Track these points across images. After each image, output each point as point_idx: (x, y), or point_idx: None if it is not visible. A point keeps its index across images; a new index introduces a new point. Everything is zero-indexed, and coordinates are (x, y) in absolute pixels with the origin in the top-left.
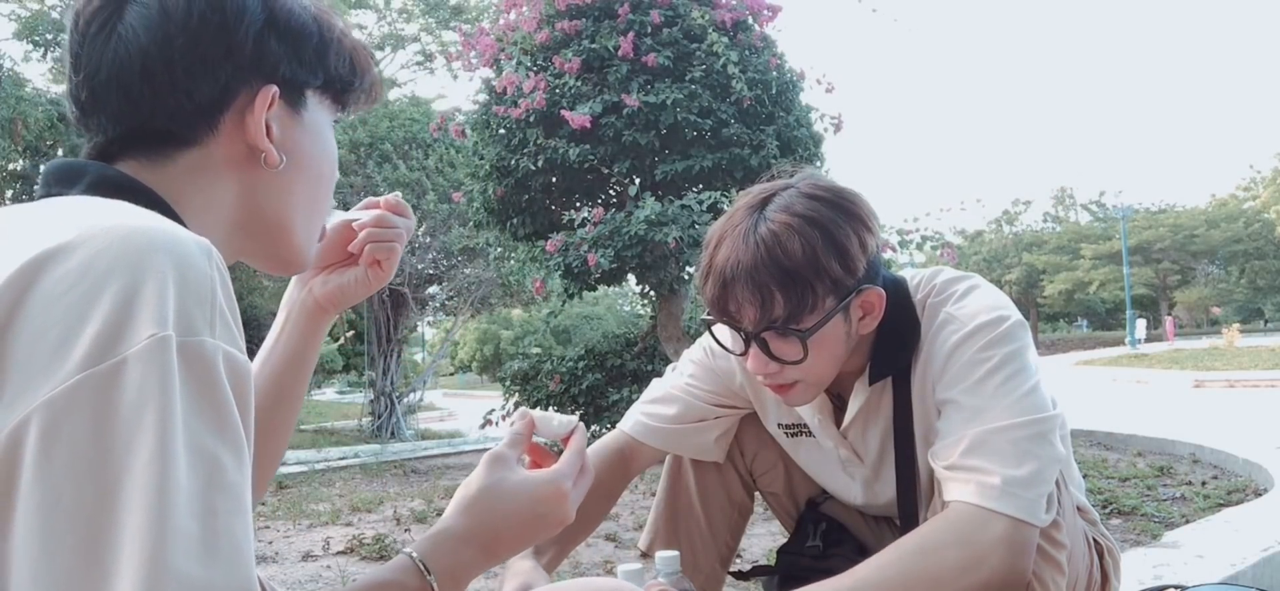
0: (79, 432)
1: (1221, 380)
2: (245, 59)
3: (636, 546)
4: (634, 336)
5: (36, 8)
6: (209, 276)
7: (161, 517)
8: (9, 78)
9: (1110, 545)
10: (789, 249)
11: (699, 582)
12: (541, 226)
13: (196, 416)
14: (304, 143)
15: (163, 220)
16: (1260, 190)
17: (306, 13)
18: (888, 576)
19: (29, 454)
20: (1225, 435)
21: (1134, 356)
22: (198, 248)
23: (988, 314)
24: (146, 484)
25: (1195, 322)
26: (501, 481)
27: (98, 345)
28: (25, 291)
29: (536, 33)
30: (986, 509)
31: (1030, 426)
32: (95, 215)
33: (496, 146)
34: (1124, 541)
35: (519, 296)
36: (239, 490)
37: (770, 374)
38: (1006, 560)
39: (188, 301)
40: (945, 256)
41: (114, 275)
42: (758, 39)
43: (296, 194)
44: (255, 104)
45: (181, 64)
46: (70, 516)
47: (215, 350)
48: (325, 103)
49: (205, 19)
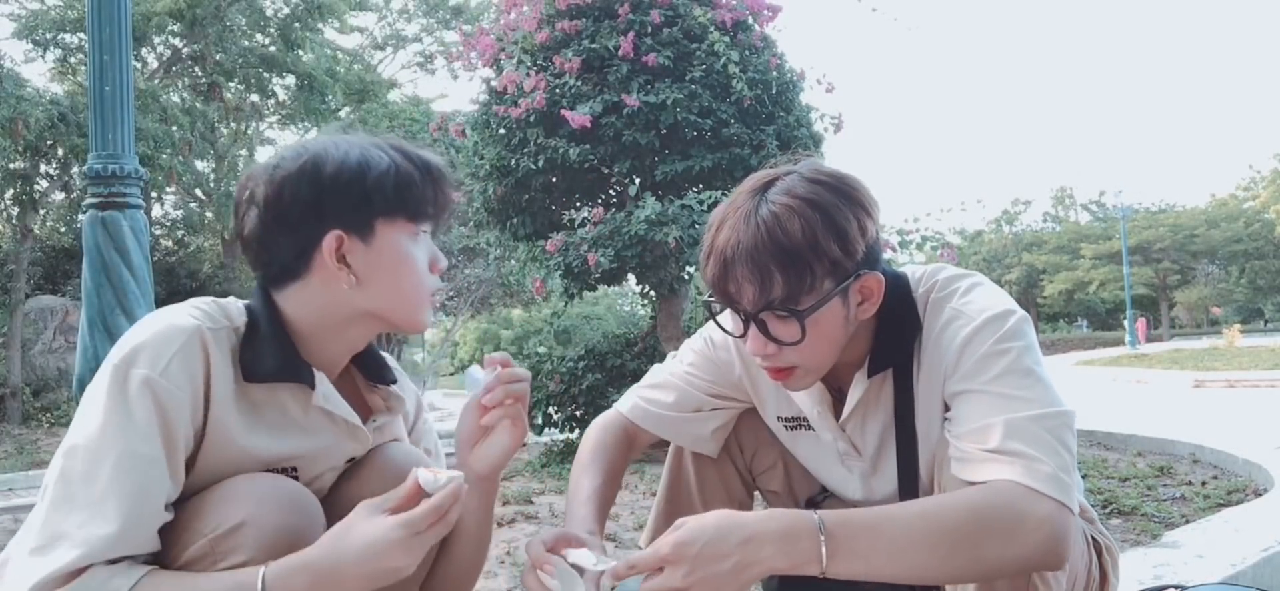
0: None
1: (1221, 380)
2: (309, 224)
3: (637, 546)
4: (634, 336)
5: (36, 8)
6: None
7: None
8: (9, 77)
9: (1109, 543)
10: (789, 230)
11: None
12: (542, 226)
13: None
14: (372, 261)
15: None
16: (1260, 190)
17: (351, 168)
18: (935, 526)
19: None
20: (1225, 435)
21: (1134, 356)
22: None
23: (997, 308)
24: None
25: (1195, 322)
26: (353, 524)
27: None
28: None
29: (537, 32)
30: (1035, 490)
31: (1059, 418)
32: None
33: (496, 146)
34: (1124, 541)
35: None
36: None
37: (768, 356)
38: (1048, 542)
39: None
40: (945, 256)
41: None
42: (758, 39)
43: (380, 295)
44: (323, 247)
45: (270, 239)
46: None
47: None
48: (397, 224)
49: (280, 213)
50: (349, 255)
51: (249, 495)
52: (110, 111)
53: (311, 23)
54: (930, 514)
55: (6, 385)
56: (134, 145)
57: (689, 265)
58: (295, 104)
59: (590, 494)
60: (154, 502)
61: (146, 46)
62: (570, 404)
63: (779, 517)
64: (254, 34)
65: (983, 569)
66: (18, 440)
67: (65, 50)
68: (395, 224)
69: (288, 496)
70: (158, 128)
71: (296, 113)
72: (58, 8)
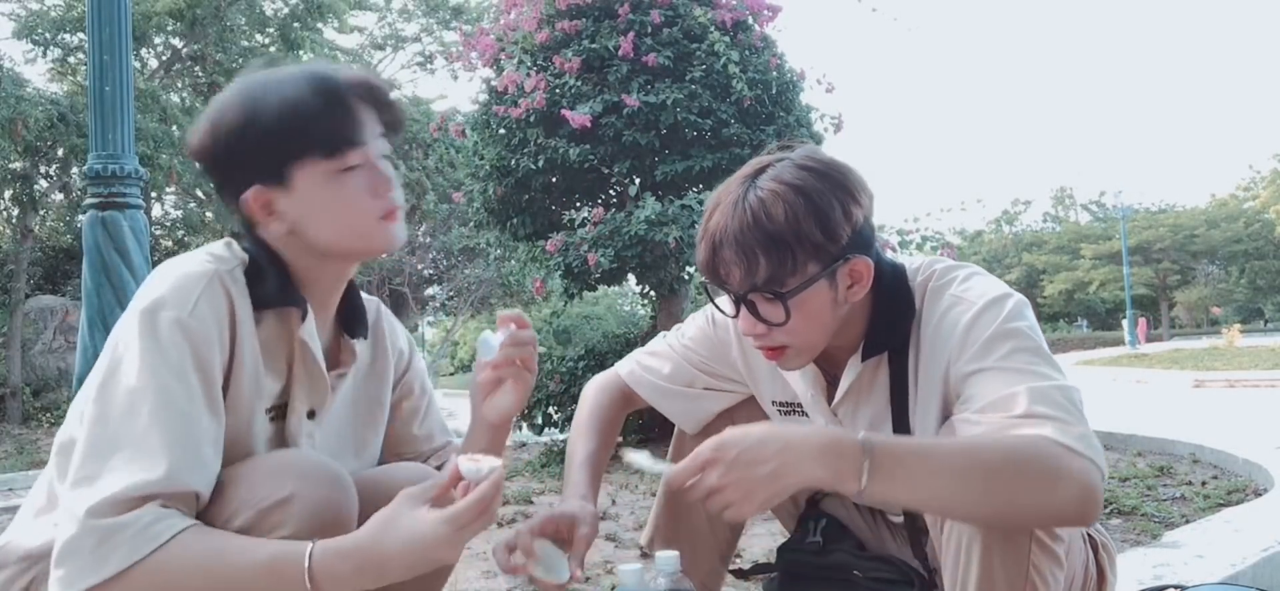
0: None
1: (1221, 380)
2: (230, 184)
3: (636, 546)
4: (634, 336)
5: (36, 8)
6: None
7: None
8: (9, 77)
9: (1106, 540)
10: (773, 215)
11: (699, 578)
12: (542, 226)
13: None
14: (298, 206)
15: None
16: (1260, 190)
17: (245, 122)
18: (974, 463)
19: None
20: (1225, 435)
21: (1134, 356)
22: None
23: (996, 292)
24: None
25: (1195, 323)
26: (399, 516)
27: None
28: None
29: (537, 32)
30: (1070, 448)
31: (1075, 391)
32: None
33: (496, 146)
34: (1124, 541)
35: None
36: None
37: (759, 335)
38: (1083, 496)
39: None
40: (945, 256)
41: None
42: (758, 39)
43: (320, 234)
44: (250, 202)
45: (218, 195)
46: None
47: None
48: (312, 164)
49: (208, 173)
50: (275, 204)
51: (295, 470)
52: (110, 111)
53: (311, 23)
54: (970, 451)
55: (6, 385)
56: (134, 145)
57: (689, 265)
58: None
59: (585, 459)
60: (197, 439)
61: (146, 46)
62: (570, 404)
63: (823, 431)
64: (254, 34)
65: (1013, 512)
66: (18, 440)
67: (65, 50)
68: (310, 164)
69: (331, 475)
70: (158, 128)
71: None
72: (58, 8)
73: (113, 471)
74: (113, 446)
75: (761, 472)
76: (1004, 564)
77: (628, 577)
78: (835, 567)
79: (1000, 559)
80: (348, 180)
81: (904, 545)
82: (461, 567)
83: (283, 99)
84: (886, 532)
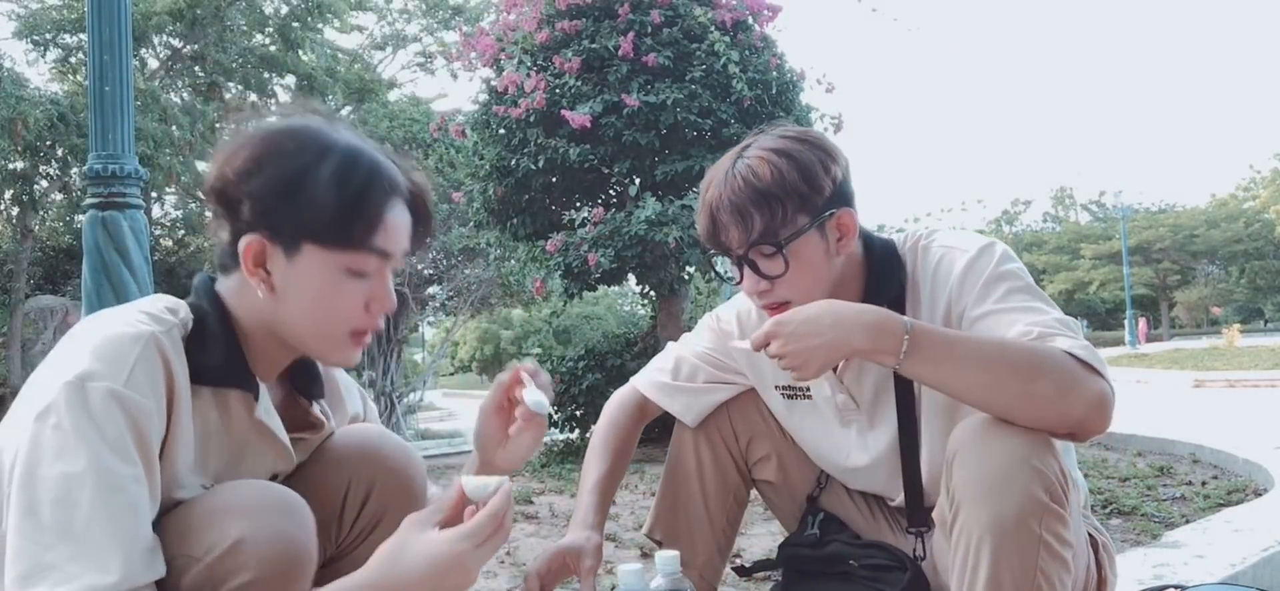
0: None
1: (1221, 380)
2: (238, 217)
3: (636, 546)
4: (634, 336)
5: (36, 8)
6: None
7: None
8: (9, 77)
9: (1106, 541)
10: (760, 175)
11: (697, 568)
12: (541, 226)
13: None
14: (291, 279)
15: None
16: (1260, 190)
17: (295, 172)
18: (1000, 355)
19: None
20: (1225, 435)
21: (1134, 356)
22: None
23: (984, 240)
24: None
25: (1195, 322)
26: (408, 542)
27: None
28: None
29: (537, 32)
30: (1088, 364)
31: (1074, 323)
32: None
33: (496, 146)
34: (1124, 541)
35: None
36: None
37: (762, 293)
38: (1097, 404)
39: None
40: None
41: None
42: (758, 39)
43: (291, 317)
44: (242, 247)
45: (216, 213)
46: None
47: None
48: (331, 252)
49: (222, 188)
50: (270, 264)
51: (239, 508)
52: (110, 111)
53: (311, 22)
54: (999, 346)
55: (6, 385)
56: (134, 145)
57: (689, 265)
58: (295, 104)
59: (595, 483)
60: (146, 525)
61: (146, 46)
62: (570, 404)
63: (873, 310)
64: (254, 34)
65: (1029, 406)
66: None
67: (65, 50)
68: (329, 251)
69: (279, 503)
70: (158, 128)
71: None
72: (58, 8)
73: (56, 573)
74: (52, 540)
75: (815, 343)
76: (1011, 567)
77: (628, 577)
78: (832, 558)
79: (1008, 562)
80: (349, 282)
81: (901, 533)
82: None
83: (338, 174)
84: (883, 520)
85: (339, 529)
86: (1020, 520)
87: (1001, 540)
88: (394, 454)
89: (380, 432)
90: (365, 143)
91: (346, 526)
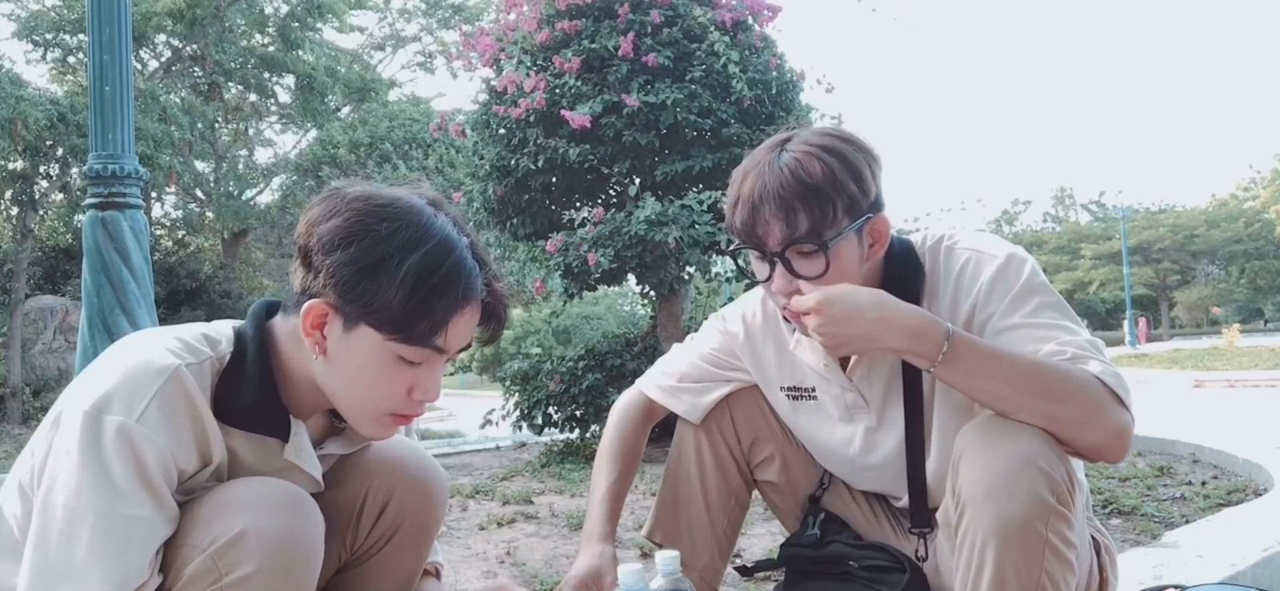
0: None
1: (1221, 380)
2: (313, 275)
3: (636, 546)
4: (634, 336)
5: (36, 8)
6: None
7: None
8: (9, 77)
9: (1107, 542)
10: (810, 170)
11: (697, 569)
12: (541, 226)
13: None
14: (343, 350)
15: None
16: (1260, 190)
17: (375, 258)
18: (1032, 373)
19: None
20: (1225, 435)
21: (1134, 356)
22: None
23: (1011, 248)
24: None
25: (1195, 323)
26: None
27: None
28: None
29: (537, 32)
30: (1117, 396)
31: (1102, 345)
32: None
33: (496, 146)
34: (1124, 541)
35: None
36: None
37: (791, 293)
38: (1117, 437)
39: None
40: None
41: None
42: (758, 39)
43: (336, 383)
44: (305, 306)
45: (295, 259)
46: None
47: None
48: (388, 339)
49: (306, 243)
50: (328, 329)
51: (245, 501)
52: (110, 111)
53: (311, 23)
54: (1034, 364)
55: (6, 385)
56: (134, 145)
57: (689, 265)
58: (295, 104)
59: (605, 492)
60: (140, 562)
61: (146, 46)
62: (570, 404)
63: (917, 312)
64: (254, 34)
65: (1050, 425)
66: (18, 440)
67: (65, 50)
68: (386, 337)
69: (285, 497)
70: (158, 128)
71: (296, 113)
72: (58, 8)
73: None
74: (57, 576)
75: (855, 331)
76: (1016, 568)
77: (628, 577)
78: (832, 558)
79: (1013, 562)
80: (399, 367)
81: (903, 534)
82: (462, 567)
83: (417, 271)
84: (885, 521)
85: (354, 535)
86: (1026, 521)
87: (1007, 541)
88: (415, 465)
89: (405, 444)
90: (460, 238)
91: (363, 533)
